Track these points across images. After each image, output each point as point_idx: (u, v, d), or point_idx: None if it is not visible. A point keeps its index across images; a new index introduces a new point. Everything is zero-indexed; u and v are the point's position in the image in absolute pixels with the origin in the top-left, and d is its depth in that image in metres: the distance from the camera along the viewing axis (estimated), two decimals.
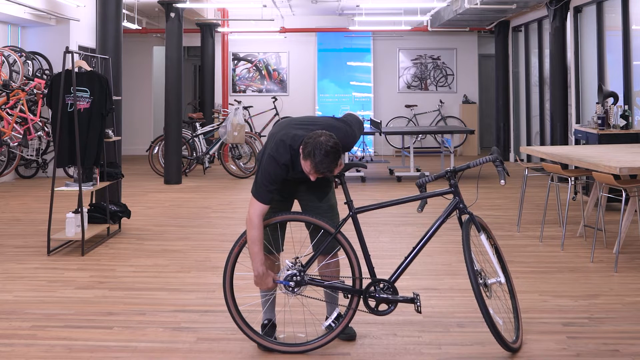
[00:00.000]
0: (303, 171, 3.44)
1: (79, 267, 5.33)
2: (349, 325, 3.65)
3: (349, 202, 3.62)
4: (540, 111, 11.72)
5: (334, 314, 3.59)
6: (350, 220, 3.63)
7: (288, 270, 3.54)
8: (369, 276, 3.60)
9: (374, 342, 3.68)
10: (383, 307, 3.62)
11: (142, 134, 14.39)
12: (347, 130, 3.56)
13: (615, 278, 4.88)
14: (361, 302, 3.58)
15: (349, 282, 3.82)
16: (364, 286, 3.58)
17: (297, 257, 3.59)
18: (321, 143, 3.30)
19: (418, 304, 3.52)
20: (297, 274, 3.53)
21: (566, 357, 3.46)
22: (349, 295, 3.60)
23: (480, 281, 3.44)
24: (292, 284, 3.53)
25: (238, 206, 8.16)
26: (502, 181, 3.52)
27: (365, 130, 10.56)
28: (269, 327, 3.70)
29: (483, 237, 3.59)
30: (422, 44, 14.80)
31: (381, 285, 3.57)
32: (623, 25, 8.48)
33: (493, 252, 3.63)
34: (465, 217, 3.61)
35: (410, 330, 3.83)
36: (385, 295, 3.56)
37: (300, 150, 3.37)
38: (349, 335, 3.69)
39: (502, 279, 3.56)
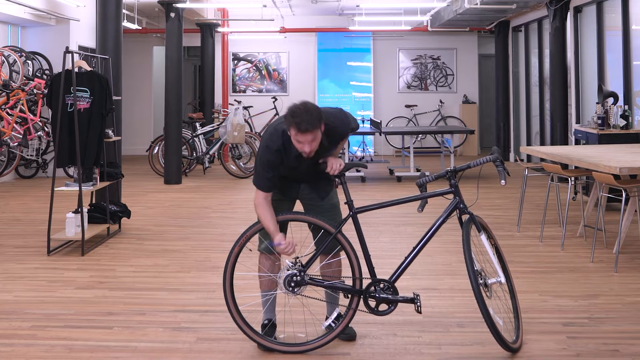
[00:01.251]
0: (299, 156, 3.50)
1: (79, 267, 5.33)
2: (349, 325, 3.65)
3: (349, 202, 3.62)
4: (540, 111, 11.72)
5: (334, 314, 3.59)
6: (350, 220, 3.63)
7: (288, 270, 3.54)
8: (369, 276, 3.60)
9: (374, 342, 3.68)
10: (383, 307, 3.62)
11: (142, 134, 14.39)
12: (341, 116, 3.64)
13: (615, 278, 4.88)
14: (361, 302, 3.58)
15: (349, 282, 3.82)
16: (364, 286, 3.58)
17: (297, 257, 3.59)
18: (297, 104, 3.41)
19: (418, 304, 3.52)
20: (297, 274, 3.53)
21: (566, 357, 3.46)
22: (349, 295, 3.60)
23: (481, 281, 3.43)
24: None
25: (238, 206, 8.16)
26: (503, 181, 3.51)
27: (365, 130, 10.58)
28: (269, 327, 3.70)
29: (483, 237, 3.59)
30: (422, 44, 14.79)
31: (381, 286, 3.57)
32: (623, 25, 8.47)
33: (493, 252, 3.63)
34: (465, 217, 3.61)
35: (410, 330, 3.83)
36: (385, 296, 3.56)
37: (285, 126, 3.44)
38: (349, 335, 3.69)
39: (502, 279, 3.55)
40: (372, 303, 3.59)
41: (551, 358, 3.45)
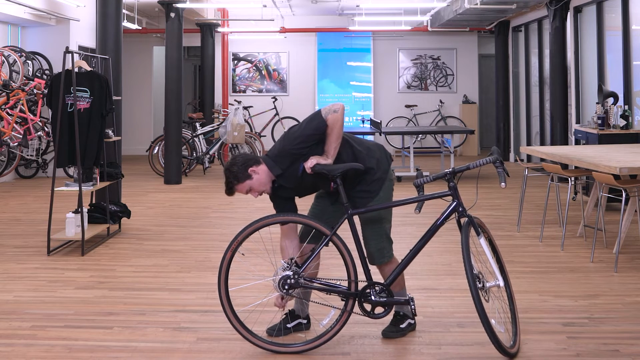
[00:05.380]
0: (302, 173, 3.55)
1: (79, 267, 5.33)
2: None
3: (345, 204, 3.60)
4: (540, 111, 11.72)
5: (331, 314, 3.57)
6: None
7: (283, 271, 3.53)
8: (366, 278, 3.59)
9: (374, 342, 3.68)
10: (379, 310, 3.60)
11: (142, 134, 14.38)
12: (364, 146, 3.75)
13: (615, 278, 4.88)
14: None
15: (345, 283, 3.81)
16: (359, 289, 3.56)
17: (292, 259, 3.57)
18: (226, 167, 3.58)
19: (413, 306, 3.51)
20: (292, 276, 3.51)
21: (566, 357, 3.45)
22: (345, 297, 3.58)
23: (479, 285, 3.39)
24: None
25: (238, 206, 8.16)
26: (503, 184, 3.42)
27: (365, 130, 10.58)
28: (288, 316, 3.78)
29: (482, 239, 3.55)
30: (422, 44, 14.79)
31: (377, 288, 3.55)
32: (623, 25, 8.47)
33: (492, 255, 3.59)
34: (464, 220, 3.57)
35: None
36: (380, 299, 3.54)
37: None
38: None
39: (501, 283, 3.50)
40: (368, 306, 3.58)
41: (551, 358, 3.45)
